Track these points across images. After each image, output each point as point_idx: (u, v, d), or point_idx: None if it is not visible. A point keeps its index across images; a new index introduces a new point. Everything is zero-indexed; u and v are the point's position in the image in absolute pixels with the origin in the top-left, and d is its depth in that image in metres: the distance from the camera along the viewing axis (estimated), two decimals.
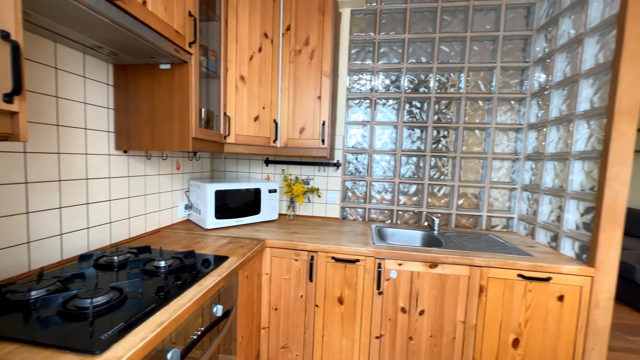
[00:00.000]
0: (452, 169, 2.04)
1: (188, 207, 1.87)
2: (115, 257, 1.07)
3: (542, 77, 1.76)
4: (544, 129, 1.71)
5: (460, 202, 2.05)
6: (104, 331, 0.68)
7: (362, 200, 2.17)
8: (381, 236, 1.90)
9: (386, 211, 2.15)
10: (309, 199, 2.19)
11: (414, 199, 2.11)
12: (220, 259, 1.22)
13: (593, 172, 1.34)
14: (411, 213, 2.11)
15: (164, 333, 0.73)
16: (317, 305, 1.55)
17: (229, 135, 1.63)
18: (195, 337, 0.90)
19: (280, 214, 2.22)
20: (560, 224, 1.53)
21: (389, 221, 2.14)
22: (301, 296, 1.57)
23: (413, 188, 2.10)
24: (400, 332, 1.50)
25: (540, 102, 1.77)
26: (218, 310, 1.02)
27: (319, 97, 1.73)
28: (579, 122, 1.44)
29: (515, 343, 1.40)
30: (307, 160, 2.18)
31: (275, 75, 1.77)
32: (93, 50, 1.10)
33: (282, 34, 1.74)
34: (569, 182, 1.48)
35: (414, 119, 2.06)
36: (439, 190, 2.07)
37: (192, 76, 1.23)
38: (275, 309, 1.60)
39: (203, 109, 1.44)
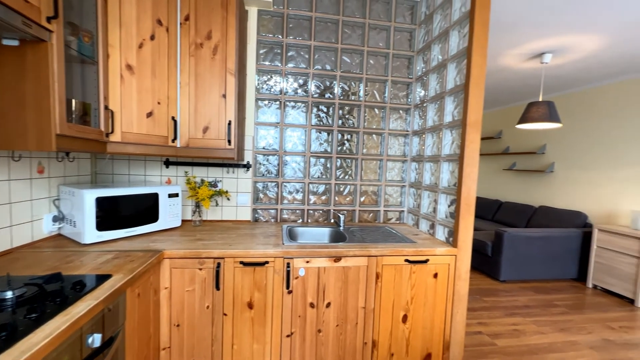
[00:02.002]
0: (355, 170, 2.25)
1: (58, 219, 1.52)
2: None
3: (422, 92, 2.11)
4: (423, 136, 2.05)
5: (362, 199, 2.27)
6: None
7: (274, 202, 2.18)
8: (292, 236, 1.95)
9: (298, 211, 2.21)
10: (216, 202, 2.07)
11: (323, 198, 2.23)
12: (101, 279, 1.04)
13: (455, 172, 1.67)
14: (321, 211, 2.23)
15: None
16: (225, 314, 1.48)
17: (112, 132, 1.40)
18: None
19: (184, 220, 2.03)
20: (435, 214, 1.86)
21: (301, 220, 2.20)
22: (207, 307, 1.47)
23: (322, 188, 2.22)
24: (310, 327, 1.56)
25: (420, 113, 2.11)
26: (95, 340, 0.87)
27: (224, 96, 1.65)
28: (445, 131, 1.78)
29: (405, 319, 1.63)
30: (214, 162, 2.06)
31: (173, 68, 1.60)
32: None
33: (180, 24, 1.59)
34: (440, 179, 1.81)
35: (321, 123, 2.18)
36: (344, 189, 2.24)
37: (53, 59, 1.00)
38: (177, 326, 1.46)
39: (74, 100, 1.20)
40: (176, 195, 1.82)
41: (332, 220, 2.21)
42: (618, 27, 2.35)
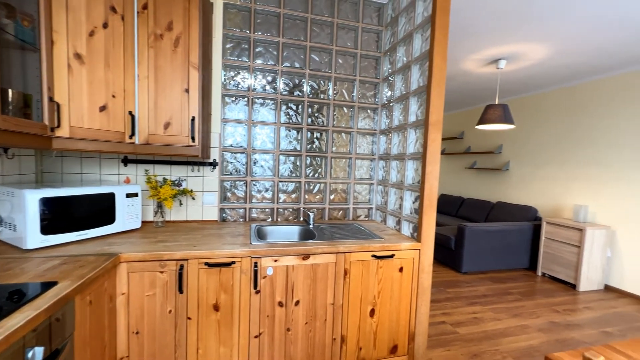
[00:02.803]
0: (324, 168, 2.26)
1: None
2: None
3: (388, 92, 2.17)
4: (390, 135, 2.11)
5: (332, 197, 2.29)
6: None
7: (242, 201, 2.13)
8: (261, 235, 1.92)
9: (267, 210, 2.18)
10: (180, 202, 1.98)
11: (293, 196, 2.22)
12: (44, 287, 0.95)
13: (418, 169, 1.74)
14: (291, 210, 2.22)
15: None
16: (189, 318, 1.42)
17: (59, 127, 1.28)
18: None
19: (145, 222, 1.92)
20: (401, 211, 1.93)
21: (270, 219, 2.18)
22: (170, 311, 1.41)
23: (292, 186, 2.21)
24: (279, 326, 1.55)
25: (387, 113, 2.18)
26: (36, 354, 0.79)
27: (187, 90, 1.58)
28: (410, 130, 1.85)
29: (372, 313, 1.68)
30: (178, 160, 1.97)
31: (130, 60, 1.50)
32: None
33: (137, 13, 1.49)
34: (405, 177, 1.88)
35: (290, 121, 2.16)
36: (314, 187, 2.25)
37: None
38: (137, 333, 1.37)
39: (11, 90, 1.08)
40: (135, 195, 1.71)
41: (302, 219, 2.21)
42: (561, 39, 2.58)
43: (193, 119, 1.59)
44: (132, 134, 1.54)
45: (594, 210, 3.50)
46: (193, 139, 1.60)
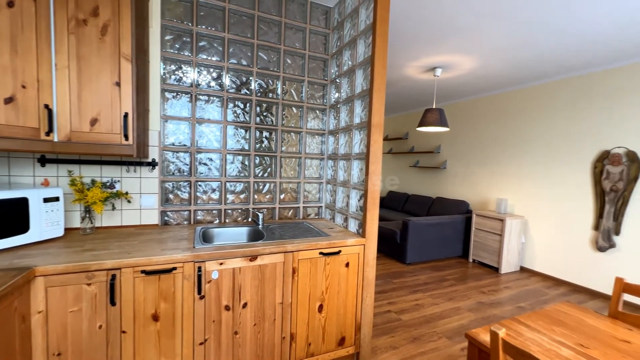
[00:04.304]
0: (274, 167, 2.25)
1: None
2: None
3: (336, 94, 2.24)
4: (338, 135, 2.19)
5: (282, 196, 2.29)
6: None
7: (186, 202, 2.02)
8: (207, 238, 1.84)
9: (214, 211, 2.10)
10: (113, 206, 1.81)
11: (242, 196, 2.17)
12: None
13: (363, 169, 1.84)
14: (240, 210, 2.17)
15: None
16: (124, 332, 1.31)
17: None
18: None
19: (71, 229, 1.71)
20: (348, 208, 2.01)
21: (217, 221, 2.10)
22: (100, 327, 1.28)
23: (240, 186, 2.16)
24: (226, 330, 1.51)
25: (334, 114, 2.25)
26: None
27: (118, 84, 1.44)
28: (355, 131, 1.94)
29: (320, 308, 1.73)
30: (110, 159, 1.79)
31: (46, 46, 1.32)
32: None
33: None
34: (352, 176, 1.97)
35: (238, 119, 2.11)
36: (263, 187, 2.23)
37: None
38: (58, 355, 1.22)
39: None
40: (56, 199, 1.51)
41: (251, 219, 2.17)
42: (485, 52, 2.93)
43: (126, 115, 1.46)
44: (50, 131, 1.35)
45: (513, 202, 4.06)
46: (126, 136, 1.47)
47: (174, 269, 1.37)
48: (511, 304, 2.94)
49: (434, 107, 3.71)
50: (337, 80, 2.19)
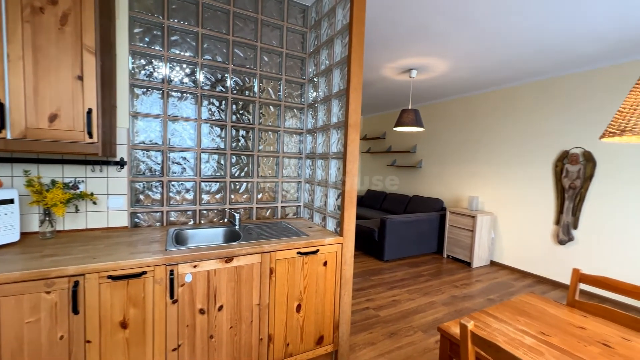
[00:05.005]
0: (251, 167, 2.21)
1: None
2: None
3: (314, 93, 2.24)
4: (315, 134, 2.19)
5: (260, 196, 2.26)
6: None
7: (158, 203, 1.94)
8: (180, 240, 1.78)
9: (189, 212, 2.03)
10: (77, 208, 1.69)
11: (218, 196, 2.12)
12: None
13: (340, 168, 1.85)
14: (215, 211, 2.11)
15: None
16: (88, 341, 1.24)
17: None
18: None
19: (28, 233, 1.59)
20: (326, 208, 2.02)
21: (192, 222, 2.03)
22: (61, 337, 1.20)
23: (216, 186, 2.10)
24: (200, 335, 1.47)
25: (312, 113, 2.24)
26: None
27: (80, 77, 1.35)
28: (333, 131, 1.95)
29: (299, 308, 1.72)
30: (72, 158, 1.67)
31: None
32: None
33: None
34: (329, 175, 1.97)
35: (213, 117, 2.05)
36: (240, 187, 2.18)
37: None
38: None
39: None
40: (10, 201, 1.40)
41: (227, 220, 2.12)
42: (456, 56, 3.04)
43: (90, 111, 1.37)
44: (2, 127, 1.24)
45: (483, 200, 4.26)
46: (90, 134, 1.38)
47: (144, 273, 1.31)
48: (482, 296, 3.09)
49: (410, 107, 3.80)
50: (315, 80, 2.19)
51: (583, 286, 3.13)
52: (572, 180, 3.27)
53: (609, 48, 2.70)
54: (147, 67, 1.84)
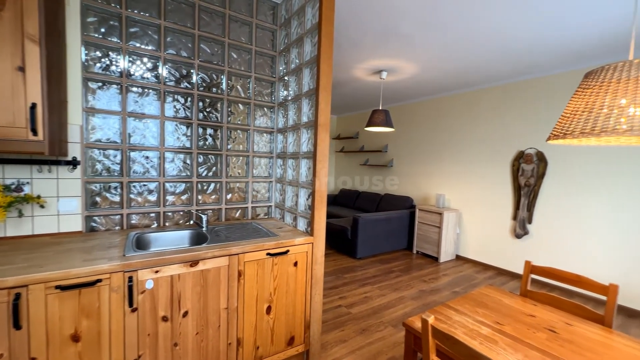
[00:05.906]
0: (220, 166, 2.14)
1: None
2: None
3: (284, 92, 2.21)
4: (286, 133, 2.17)
5: (229, 196, 2.20)
6: None
7: (117, 206, 1.82)
8: (141, 244, 1.68)
9: (152, 214, 1.92)
10: (20, 212, 1.54)
11: (184, 197, 2.03)
12: None
13: (311, 168, 1.85)
14: (181, 213, 2.02)
15: None
16: (34, 359, 1.13)
17: None
18: None
19: None
20: (297, 207, 2.01)
21: (155, 225, 1.93)
22: (1, 356, 1.08)
23: (182, 186, 2.01)
24: (164, 343, 1.40)
25: (283, 112, 2.22)
26: None
27: (22, 69, 1.23)
28: (303, 130, 1.94)
29: (269, 310, 1.70)
30: (14, 158, 1.52)
31: None
32: None
33: None
34: (300, 175, 1.96)
35: (178, 114, 1.96)
36: (208, 187, 2.11)
37: None
38: None
39: None
40: None
41: (194, 222, 2.04)
42: (425, 60, 3.16)
43: (33, 106, 1.25)
44: None
45: (449, 197, 4.46)
46: (34, 131, 1.26)
47: (99, 281, 1.22)
48: (448, 289, 3.24)
49: (380, 108, 3.89)
50: (286, 78, 2.17)
51: (535, 276, 3.39)
52: (527, 178, 3.52)
53: (559, 58, 2.94)
54: (103, 60, 1.72)
